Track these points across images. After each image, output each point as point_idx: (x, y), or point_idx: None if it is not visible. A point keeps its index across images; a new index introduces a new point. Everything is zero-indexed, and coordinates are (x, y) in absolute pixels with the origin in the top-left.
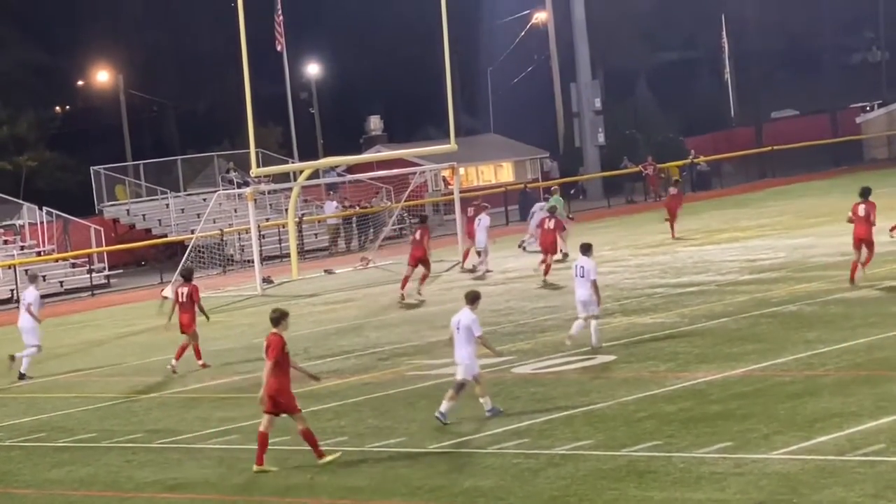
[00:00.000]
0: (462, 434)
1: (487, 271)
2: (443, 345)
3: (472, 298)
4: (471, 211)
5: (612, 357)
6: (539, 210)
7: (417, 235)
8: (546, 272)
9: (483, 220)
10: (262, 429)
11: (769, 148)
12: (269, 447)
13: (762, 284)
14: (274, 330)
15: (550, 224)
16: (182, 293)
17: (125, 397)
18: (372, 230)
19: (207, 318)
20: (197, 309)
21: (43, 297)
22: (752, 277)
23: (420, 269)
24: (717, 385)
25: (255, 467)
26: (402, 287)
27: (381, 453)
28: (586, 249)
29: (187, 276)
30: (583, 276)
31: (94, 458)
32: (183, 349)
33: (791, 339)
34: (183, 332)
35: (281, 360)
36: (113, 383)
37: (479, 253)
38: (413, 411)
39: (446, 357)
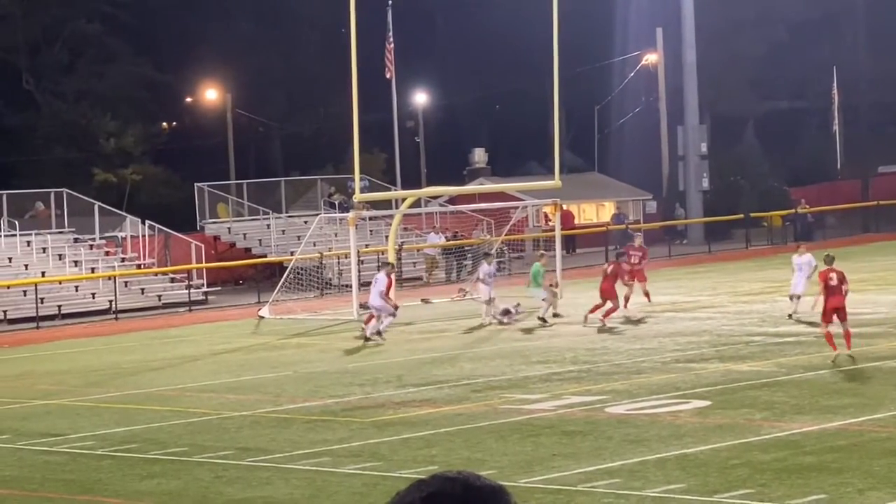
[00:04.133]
0: (553, 469)
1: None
2: (536, 380)
3: None
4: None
5: (707, 402)
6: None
7: (609, 269)
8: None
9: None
10: None
11: (874, 203)
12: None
13: (862, 339)
14: None
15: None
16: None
17: (217, 414)
18: (471, 262)
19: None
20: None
21: (140, 310)
22: (852, 331)
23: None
24: (813, 437)
25: None
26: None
27: None
28: None
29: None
30: None
31: (184, 472)
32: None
33: (890, 395)
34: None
35: None
36: (206, 399)
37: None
38: (505, 444)
39: (540, 392)
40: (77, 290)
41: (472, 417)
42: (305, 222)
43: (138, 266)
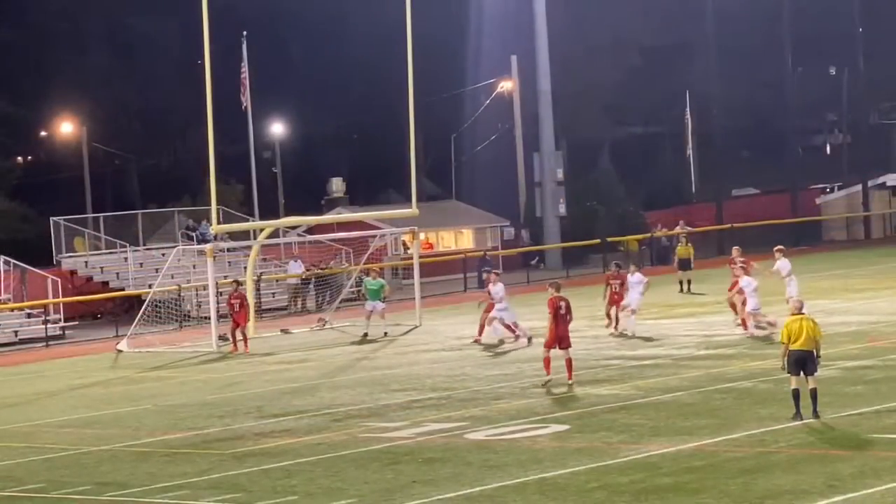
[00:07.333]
0: (413, 497)
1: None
2: (396, 408)
3: None
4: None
5: (565, 427)
6: None
7: None
8: None
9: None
10: None
11: (728, 226)
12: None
13: (718, 360)
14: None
15: None
16: None
17: (75, 449)
18: (329, 292)
19: None
20: None
21: None
22: (708, 352)
23: None
24: (670, 458)
25: None
26: None
27: None
28: None
29: None
30: None
31: None
32: None
33: (744, 415)
34: None
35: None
36: (64, 434)
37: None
38: (365, 473)
39: (399, 420)
40: None
41: (333, 447)
42: (163, 255)
43: None
